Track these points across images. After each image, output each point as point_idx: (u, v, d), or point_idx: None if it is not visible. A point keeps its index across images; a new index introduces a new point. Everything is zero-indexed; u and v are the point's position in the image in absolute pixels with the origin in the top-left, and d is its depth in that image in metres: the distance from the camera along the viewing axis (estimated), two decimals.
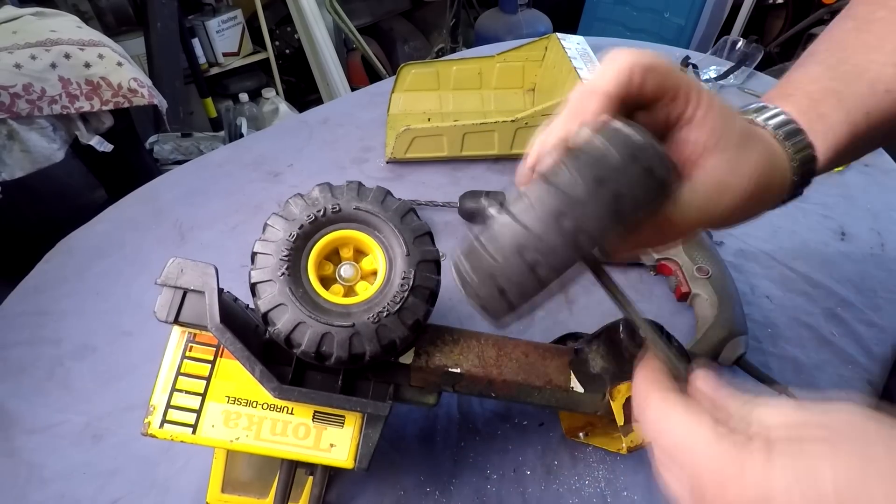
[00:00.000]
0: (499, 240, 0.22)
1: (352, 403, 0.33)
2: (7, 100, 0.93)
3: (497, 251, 0.22)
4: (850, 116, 0.29)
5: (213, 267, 0.33)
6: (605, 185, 0.21)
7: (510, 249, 0.22)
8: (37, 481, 0.44)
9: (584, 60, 0.74)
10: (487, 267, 0.23)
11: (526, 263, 0.21)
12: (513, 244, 0.22)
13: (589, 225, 0.21)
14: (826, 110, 0.29)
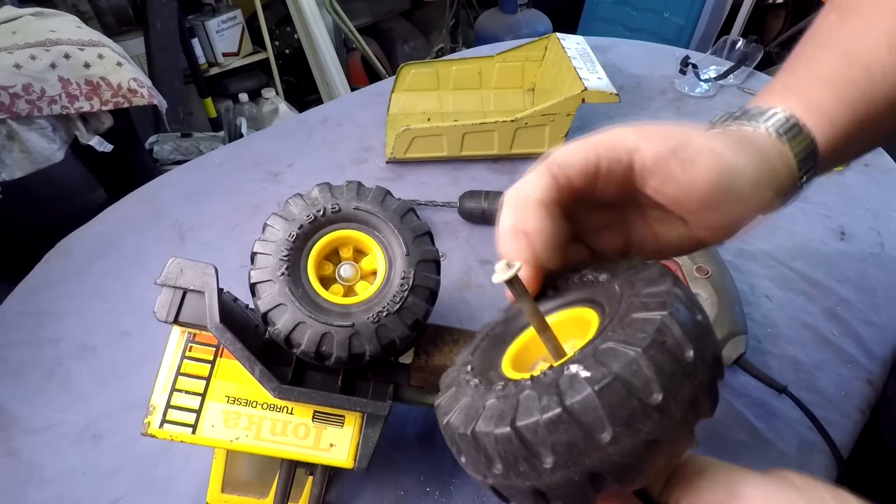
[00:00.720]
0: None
1: (352, 403, 0.33)
2: (7, 100, 0.93)
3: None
4: (851, 104, 0.28)
5: (213, 267, 0.33)
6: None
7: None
8: (37, 481, 0.44)
9: (583, 60, 0.74)
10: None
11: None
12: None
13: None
14: (825, 102, 0.28)
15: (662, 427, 0.16)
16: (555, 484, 0.17)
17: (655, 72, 0.96)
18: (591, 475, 0.17)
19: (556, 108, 0.69)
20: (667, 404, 0.16)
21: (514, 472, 0.18)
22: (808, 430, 0.47)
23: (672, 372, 0.17)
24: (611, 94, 0.67)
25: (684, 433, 0.17)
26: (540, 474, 0.17)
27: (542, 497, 0.18)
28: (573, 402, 0.16)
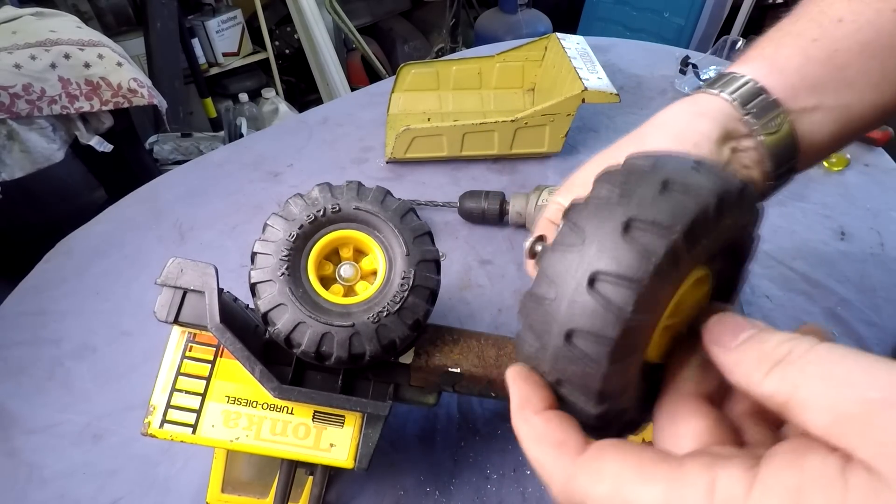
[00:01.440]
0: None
1: (352, 403, 0.33)
2: (7, 100, 0.93)
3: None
4: (803, 49, 0.27)
5: (213, 267, 0.33)
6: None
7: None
8: (37, 481, 0.44)
9: (583, 60, 0.74)
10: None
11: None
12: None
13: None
14: (768, 50, 0.28)
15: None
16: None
17: (655, 72, 0.96)
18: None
19: (556, 108, 0.69)
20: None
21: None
22: None
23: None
24: (611, 94, 0.67)
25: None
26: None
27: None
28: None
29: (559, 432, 0.18)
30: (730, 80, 0.28)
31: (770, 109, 0.27)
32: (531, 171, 0.75)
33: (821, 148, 0.28)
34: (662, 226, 0.16)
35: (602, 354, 0.17)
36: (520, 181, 0.74)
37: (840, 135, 0.28)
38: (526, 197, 0.63)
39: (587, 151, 0.77)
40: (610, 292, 0.16)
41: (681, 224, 0.16)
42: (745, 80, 0.27)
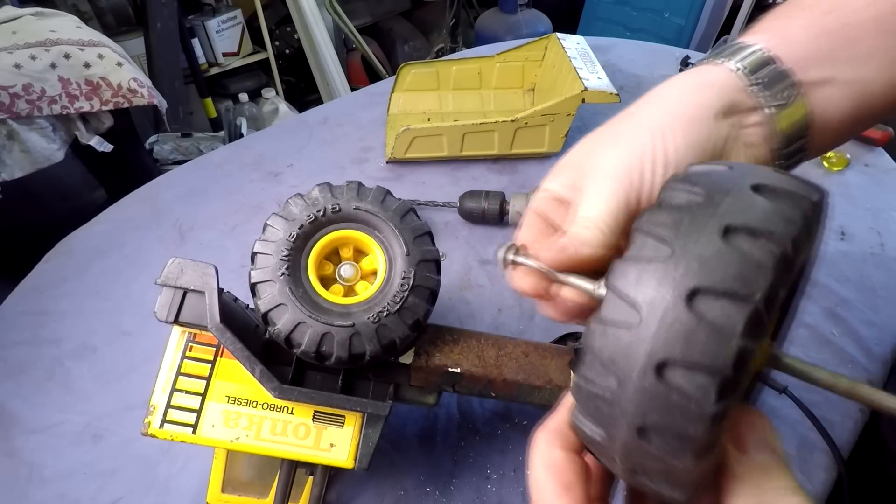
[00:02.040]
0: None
1: (352, 403, 0.33)
2: (7, 100, 0.93)
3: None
4: (812, 21, 0.26)
5: (213, 267, 0.33)
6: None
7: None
8: (37, 481, 0.44)
9: (583, 60, 0.74)
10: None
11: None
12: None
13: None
14: (790, 27, 0.26)
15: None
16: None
17: (655, 72, 0.96)
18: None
19: (556, 108, 0.69)
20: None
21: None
22: (808, 430, 0.47)
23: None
24: (611, 94, 0.67)
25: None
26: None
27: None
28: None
29: (572, 476, 0.18)
30: (736, 50, 0.26)
31: (780, 79, 0.25)
32: (531, 171, 0.75)
33: (836, 127, 0.26)
34: (771, 233, 0.14)
35: (707, 390, 0.14)
36: (520, 181, 0.74)
37: (856, 114, 0.26)
38: (526, 197, 0.63)
39: None
40: (714, 312, 0.14)
41: (791, 230, 0.14)
42: (754, 48, 0.25)
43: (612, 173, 0.24)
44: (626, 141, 0.24)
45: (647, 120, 0.25)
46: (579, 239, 0.23)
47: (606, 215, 0.23)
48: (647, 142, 0.24)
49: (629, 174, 0.24)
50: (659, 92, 0.26)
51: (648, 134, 0.24)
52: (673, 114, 0.24)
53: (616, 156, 0.24)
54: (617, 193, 0.23)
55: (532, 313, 0.56)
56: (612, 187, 0.24)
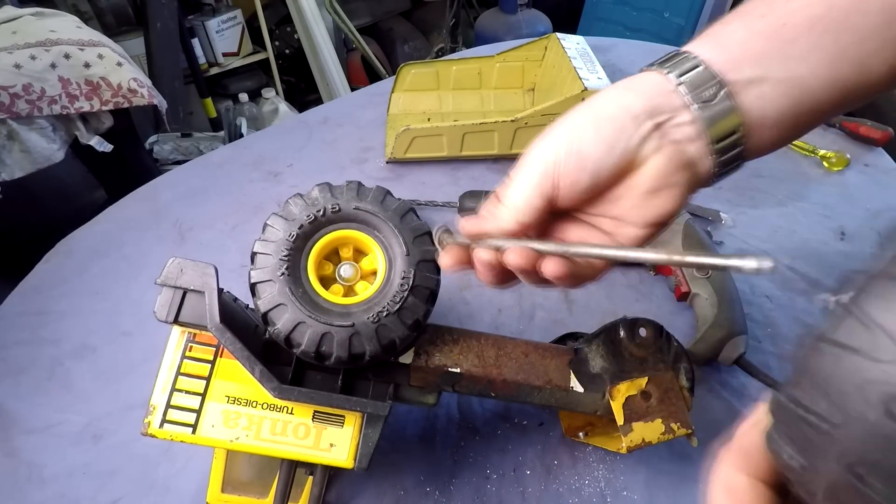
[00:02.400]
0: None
1: (352, 403, 0.33)
2: (7, 100, 0.93)
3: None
4: (750, 26, 0.26)
5: (213, 267, 0.33)
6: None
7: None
8: (37, 481, 0.44)
9: (583, 60, 0.74)
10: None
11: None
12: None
13: None
14: (724, 32, 0.27)
15: None
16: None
17: None
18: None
19: (556, 108, 0.69)
20: None
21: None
22: None
23: None
24: None
25: None
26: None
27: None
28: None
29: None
30: (669, 58, 0.28)
31: (706, 80, 0.26)
32: None
33: (773, 125, 0.27)
34: None
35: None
36: None
37: (794, 111, 0.26)
38: None
39: None
40: None
41: None
42: (684, 55, 0.27)
43: (530, 162, 0.29)
44: (549, 136, 0.29)
45: (570, 118, 0.29)
46: (495, 214, 0.30)
47: (520, 197, 0.29)
48: (562, 136, 0.28)
49: (543, 162, 0.28)
50: (593, 98, 0.29)
51: (567, 129, 0.28)
52: (600, 115, 0.28)
53: (538, 148, 0.29)
54: (531, 178, 0.28)
55: (532, 313, 0.56)
56: (527, 173, 0.29)
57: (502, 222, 0.29)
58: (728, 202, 0.68)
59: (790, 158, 0.76)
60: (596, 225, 0.31)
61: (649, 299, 0.58)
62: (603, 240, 0.30)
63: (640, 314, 0.40)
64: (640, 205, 0.28)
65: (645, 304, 0.57)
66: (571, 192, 0.28)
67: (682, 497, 0.43)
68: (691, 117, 0.26)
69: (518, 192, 0.29)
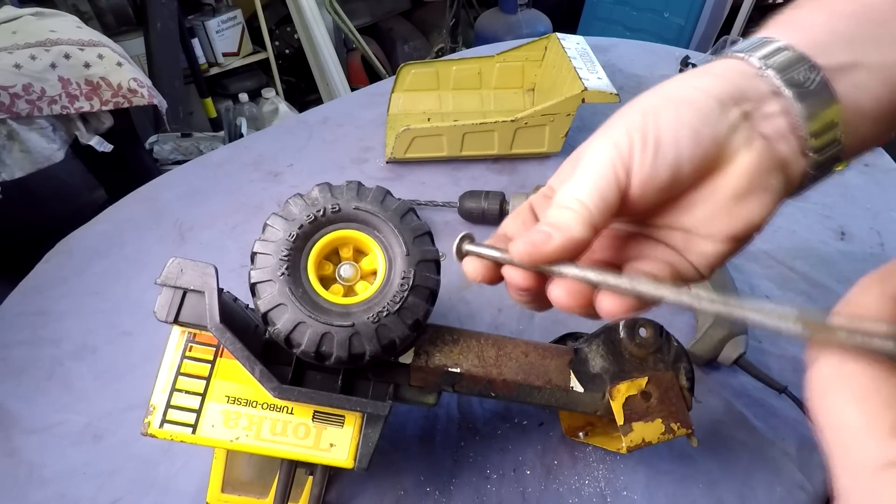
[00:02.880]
0: None
1: (352, 403, 0.33)
2: (7, 100, 0.93)
3: None
4: (831, 7, 0.23)
5: (213, 267, 0.33)
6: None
7: None
8: (37, 481, 0.44)
9: (583, 60, 0.74)
10: None
11: None
12: None
13: None
14: (800, 16, 0.24)
15: None
16: None
17: (655, 72, 0.96)
18: None
19: (556, 108, 0.69)
20: None
21: None
22: (808, 430, 0.47)
23: None
24: (611, 94, 0.67)
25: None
26: None
27: None
28: None
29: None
30: (746, 43, 0.24)
31: (796, 62, 0.22)
32: (531, 171, 0.75)
33: (871, 116, 0.23)
34: None
35: None
36: (520, 181, 0.74)
37: (894, 100, 0.22)
38: (526, 197, 0.63)
39: None
40: None
41: None
42: (762, 39, 0.23)
43: (595, 152, 0.23)
44: (616, 122, 0.23)
45: (639, 102, 0.24)
46: (556, 221, 0.22)
47: (589, 192, 0.22)
48: (636, 119, 0.23)
49: (616, 144, 0.22)
50: (664, 83, 0.24)
51: (639, 112, 0.23)
52: (674, 99, 0.23)
53: (604, 136, 0.23)
54: (600, 168, 0.22)
55: (532, 313, 0.56)
56: (593, 164, 0.23)
57: (569, 229, 0.22)
58: None
59: None
60: (663, 240, 0.25)
61: None
62: (672, 258, 0.25)
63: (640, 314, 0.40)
64: (723, 212, 0.23)
65: None
66: (644, 190, 0.23)
67: (682, 497, 0.43)
68: (781, 107, 0.22)
69: (585, 186, 0.22)
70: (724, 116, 0.22)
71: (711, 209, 0.23)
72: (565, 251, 0.22)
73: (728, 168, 0.22)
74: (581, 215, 0.22)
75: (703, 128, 0.22)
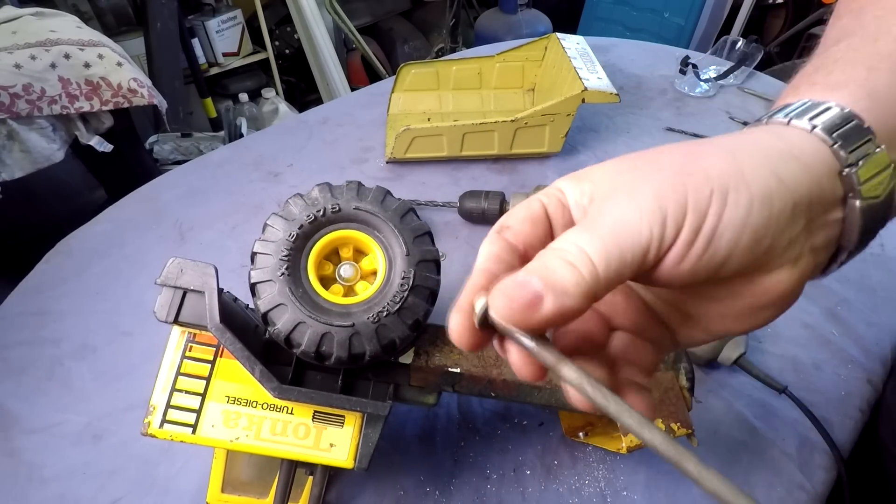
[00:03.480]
0: None
1: (352, 403, 0.33)
2: (7, 100, 0.93)
3: None
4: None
5: (213, 267, 0.33)
6: None
7: None
8: (37, 481, 0.44)
9: (583, 60, 0.74)
10: None
11: None
12: None
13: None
14: (861, 79, 0.20)
15: None
16: None
17: (655, 72, 0.96)
18: None
19: (557, 108, 0.69)
20: None
21: None
22: (808, 430, 0.47)
23: None
24: (611, 94, 0.67)
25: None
26: None
27: None
28: None
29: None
30: (812, 108, 0.20)
31: (882, 165, 0.19)
32: (531, 171, 0.75)
33: None
34: None
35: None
36: (520, 181, 0.74)
37: None
38: (526, 197, 0.63)
39: (587, 151, 0.77)
40: None
41: None
42: (852, 119, 0.19)
43: (636, 203, 0.18)
44: (663, 181, 0.18)
45: (708, 159, 0.19)
46: (553, 273, 0.17)
47: (602, 257, 0.17)
48: (688, 193, 0.18)
49: (661, 210, 0.17)
50: (735, 145, 0.19)
51: (705, 179, 0.18)
52: (746, 179, 0.18)
53: (649, 188, 0.18)
54: (624, 236, 0.17)
55: None
56: (629, 217, 0.18)
57: (565, 294, 0.17)
58: None
59: None
60: (657, 312, 0.23)
61: None
62: (659, 335, 0.23)
63: None
64: (738, 316, 0.21)
65: None
66: (671, 277, 0.18)
67: (682, 497, 0.43)
68: (844, 215, 0.19)
69: (603, 242, 0.17)
70: (790, 228, 0.18)
71: (726, 310, 0.21)
72: (553, 321, 0.17)
73: (763, 279, 0.19)
74: (585, 279, 0.17)
75: (765, 238, 0.18)
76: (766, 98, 0.88)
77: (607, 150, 0.78)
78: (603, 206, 0.19)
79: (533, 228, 0.20)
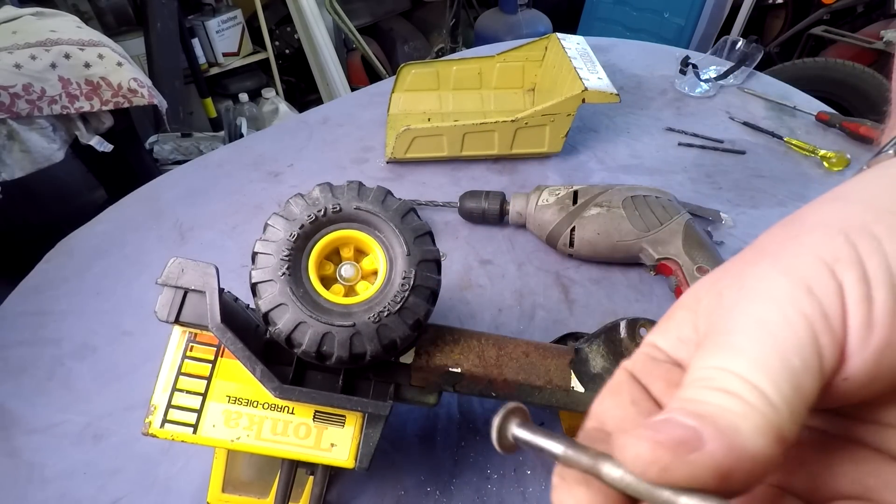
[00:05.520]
0: None
1: (352, 403, 0.33)
2: (7, 100, 0.93)
3: None
4: None
5: (214, 267, 0.33)
6: None
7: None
8: (37, 481, 0.44)
9: (583, 60, 0.74)
10: None
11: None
12: None
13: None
14: None
15: None
16: None
17: (655, 72, 0.96)
18: None
19: (557, 108, 0.69)
20: None
21: None
22: None
23: None
24: (611, 94, 0.67)
25: None
26: None
27: None
28: None
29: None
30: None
31: None
32: (531, 171, 0.75)
33: None
34: None
35: None
36: (520, 181, 0.74)
37: None
38: (526, 197, 0.63)
39: (587, 151, 0.77)
40: None
41: None
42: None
43: (770, 293, 0.13)
44: (796, 251, 0.14)
45: (831, 217, 0.15)
46: (701, 412, 0.12)
47: (772, 368, 0.12)
48: (839, 245, 0.13)
49: (809, 289, 0.13)
50: (839, 192, 0.16)
51: (840, 234, 0.14)
52: (890, 209, 0.14)
53: (775, 268, 0.14)
54: (789, 326, 0.13)
55: (532, 313, 0.56)
56: (773, 315, 0.13)
57: (736, 433, 0.12)
58: (728, 202, 0.68)
59: (790, 159, 0.76)
60: (871, 443, 0.15)
61: (649, 299, 0.58)
62: (887, 468, 0.15)
63: (641, 314, 0.40)
64: None
65: (645, 304, 0.57)
66: (868, 375, 0.13)
67: None
68: None
69: (761, 361, 0.12)
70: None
71: None
72: (725, 470, 0.12)
73: None
74: (762, 412, 0.12)
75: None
76: (766, 98, 0.88)
77: (607, 151, 0.78)
78: (718, 323, 0.14)
79: (615, 401, 0.16)
